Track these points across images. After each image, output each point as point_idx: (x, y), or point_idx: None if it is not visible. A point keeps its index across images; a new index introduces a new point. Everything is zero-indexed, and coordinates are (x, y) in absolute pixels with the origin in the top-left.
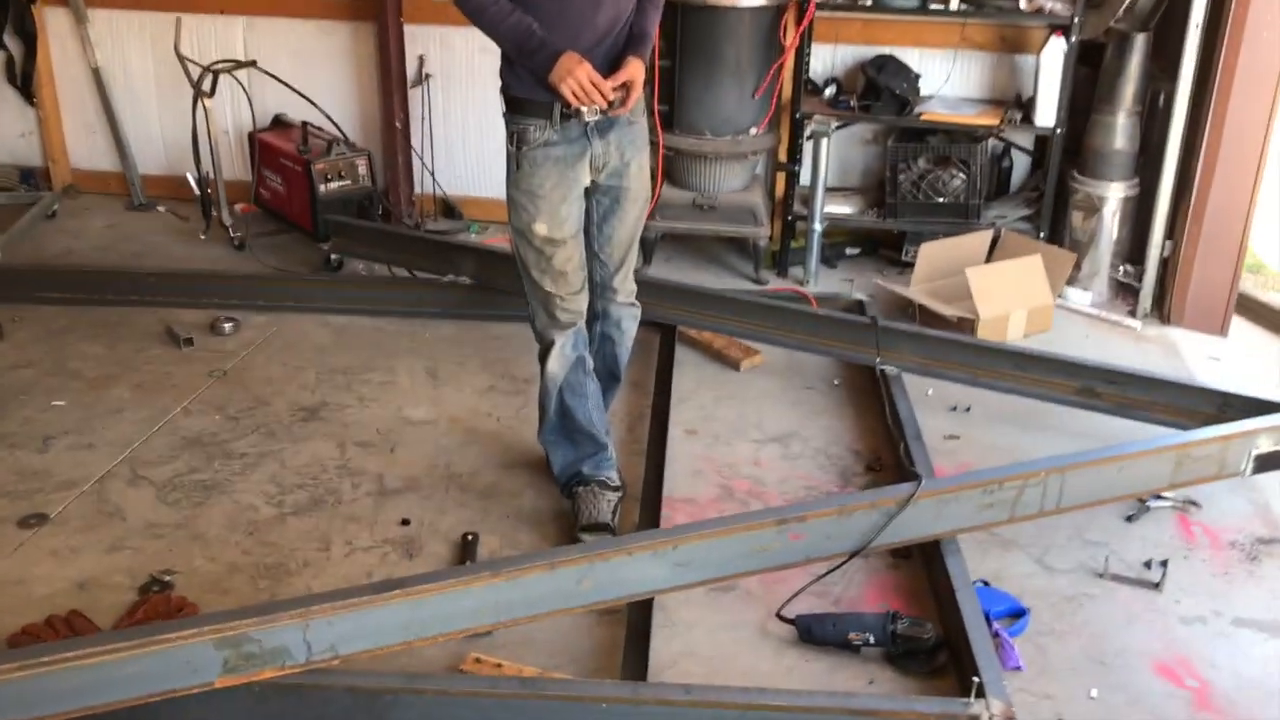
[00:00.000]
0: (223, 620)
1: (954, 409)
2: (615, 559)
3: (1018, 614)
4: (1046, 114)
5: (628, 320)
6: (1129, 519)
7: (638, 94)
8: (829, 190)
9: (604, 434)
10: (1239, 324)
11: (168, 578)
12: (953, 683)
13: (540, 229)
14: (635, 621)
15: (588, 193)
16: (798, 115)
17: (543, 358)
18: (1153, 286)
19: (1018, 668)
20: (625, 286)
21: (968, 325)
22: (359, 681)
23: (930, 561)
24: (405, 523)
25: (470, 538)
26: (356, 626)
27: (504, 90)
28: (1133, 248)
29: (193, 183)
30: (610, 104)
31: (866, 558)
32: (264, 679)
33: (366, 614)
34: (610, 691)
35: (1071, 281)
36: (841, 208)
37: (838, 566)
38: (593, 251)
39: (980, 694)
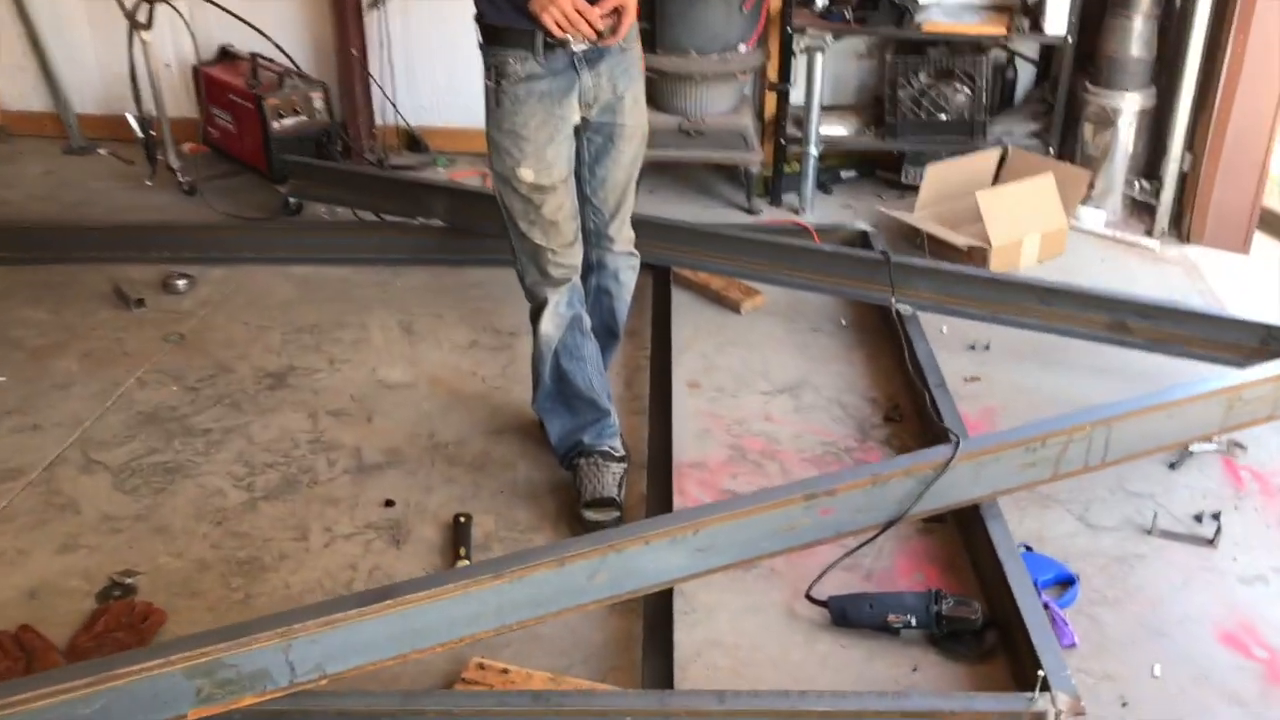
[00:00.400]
0: (193, 646)
1: (972, 347)
2: (631, 549)
3: (1066, 582)
4: (1057, 20)
5: (626, 271)
6: (1172, 466)
7: (631, 20)
8: (823, 110)
9: (605, 399)
10: (1260, 240)
11: (129, 580)
12: (1004, 666)
13: (526, 174)
14: (652, 610)
15: (577, 131)
16: (789, 29)
17: (535, 318)
18: (1171, 203)
19: (1072, 645)
20: (622, 234)
21: (979, 254)
22: (351, 704)
23: (966, 525)
24: (389, 504)
25: (463, 520)
26: (344, 642)
27: (479, 18)
28: (1149, 162)
29: (134, 123)
30: (599, 33)
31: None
32: (244, 707)
33: (355, 628)
34: (635, 703)
35: (1083, 200)
36: (837, 128)
37: (870, 540)
38: (585, 196)
39: (1044, 686)
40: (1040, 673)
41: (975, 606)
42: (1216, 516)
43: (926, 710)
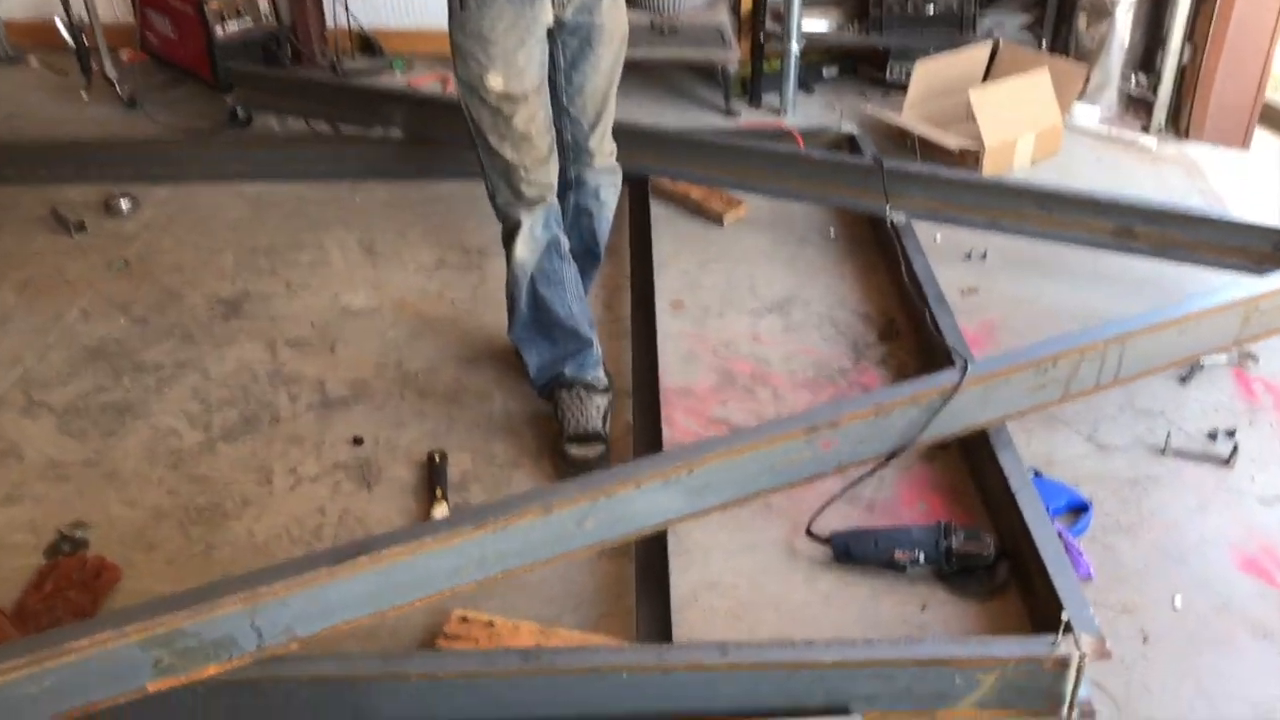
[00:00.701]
0: (149, 615)
1: (968, 256)
2: (621, 492)
3: (1079, 509)
4: None
5: (607, 189)
6: (1183, 380)
7: None
8: (804, 4)
9: (587, 327)
10: (1261, 136)
11: (80, 533)
12: (1017, 601)
13: (494, 82)
14: (645, 552)
15: (550, 34)
16: None
17: (508, 242)
18: (1169, 98)
19: (1088, 576)
20: (603, 148)
21: (970, 156)
22: (326, 669)
23: (972, 450)
24: (357, 441)
25: (437, 458)
26: (315, 603)
27: None
28: (1146, 55)
29: (64, 29)
30: None
31: None
32: (208, 677)
33: (326, 588)
34: (631, 659)
35: (1078, 96)
36: (819, 23)
37: (873, 471)
38: (561, 107)
39: (1066, 629)
40: (1064, 615)
41: (986, 540)
42: (1231, 434)
43: (941, 658)
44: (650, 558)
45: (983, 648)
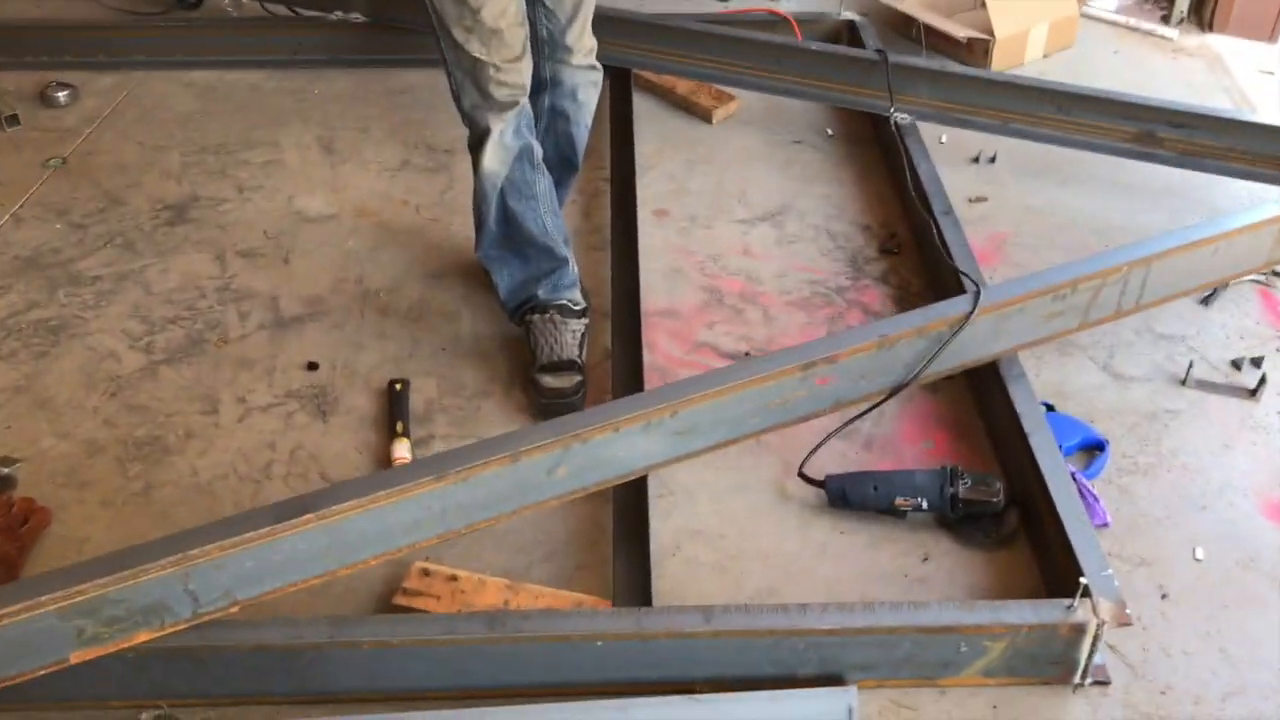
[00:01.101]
0: (68, 583)
1: (975, 160)
2: (597, 438)
3: (1094, 447)
4: None
5: (586, 88)
6: (1204, 302)
7: None
8: None
9: (562, 245)
10: None
11: (7, 470)
12: (1027, 551)
13: None
14: (624, 494)
15: None
16: None
17: (475, 149)
18: None
19: (1104, 524)
20: (582, 43)
21: (979, 46)
22: (269, 637)
23: (980, 382)
24: (312, 366)
25: (398, 386)
26: (257, 564)
27: None
28: None
29: None
30: None
31: None
32: (139, 644)
33: (268, 549)
34: (607, 625)
35: None
36: None
37: (872, 408)
38: None
39: (1084, 592)
40: (1082, 580)
41: (996, 486)
42: (1258, 363)
43: (946, 625)
44: (629, 501)
45: (992, 613)
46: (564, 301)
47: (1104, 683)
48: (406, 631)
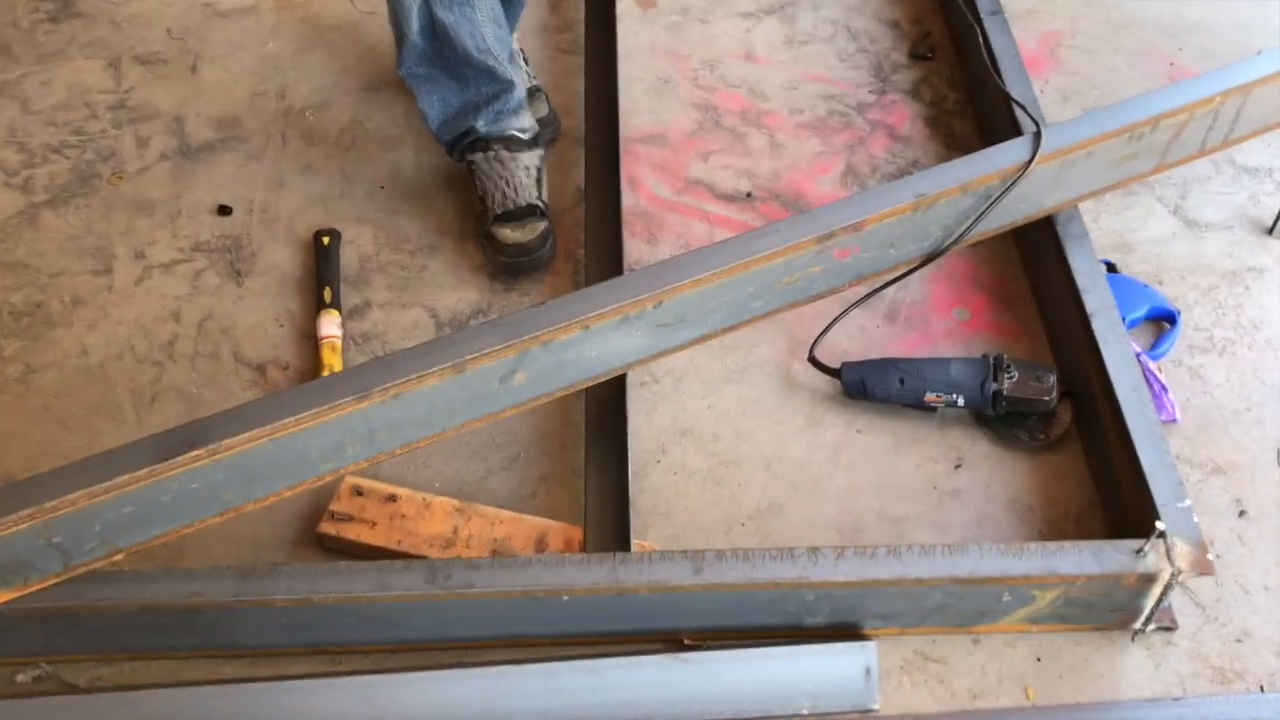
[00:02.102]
0: None
1: None
2: (562, 338)
3: (1163, 319)
4: None
5: None
6: None
7: None
8: None
9: (506, 62)
10: None
11: None
12: (1079, 458)
13: None
14: (598, 384)
15: None
16: None
17: None
18: None
19: (1172, 420)
20: None
21: None
22: (160, 594)
23: (1030, 236)
24: (224, 211)
25: (327, 240)
26: (140, 509)
27: None
28: None
29: None
30: None
31: None
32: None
33: (149, 491)
34: (575, 577)
35: None
36: None
37: (900, 278)
38: None
39: (1159, 534)
40: (1158, 525)
41: (1049, 381)
42: None
43: (989, 575)
44: (605, 392)
45: (1045, 560)
46: (510, 133)
47: (1169, 628)
48: (329, 587)
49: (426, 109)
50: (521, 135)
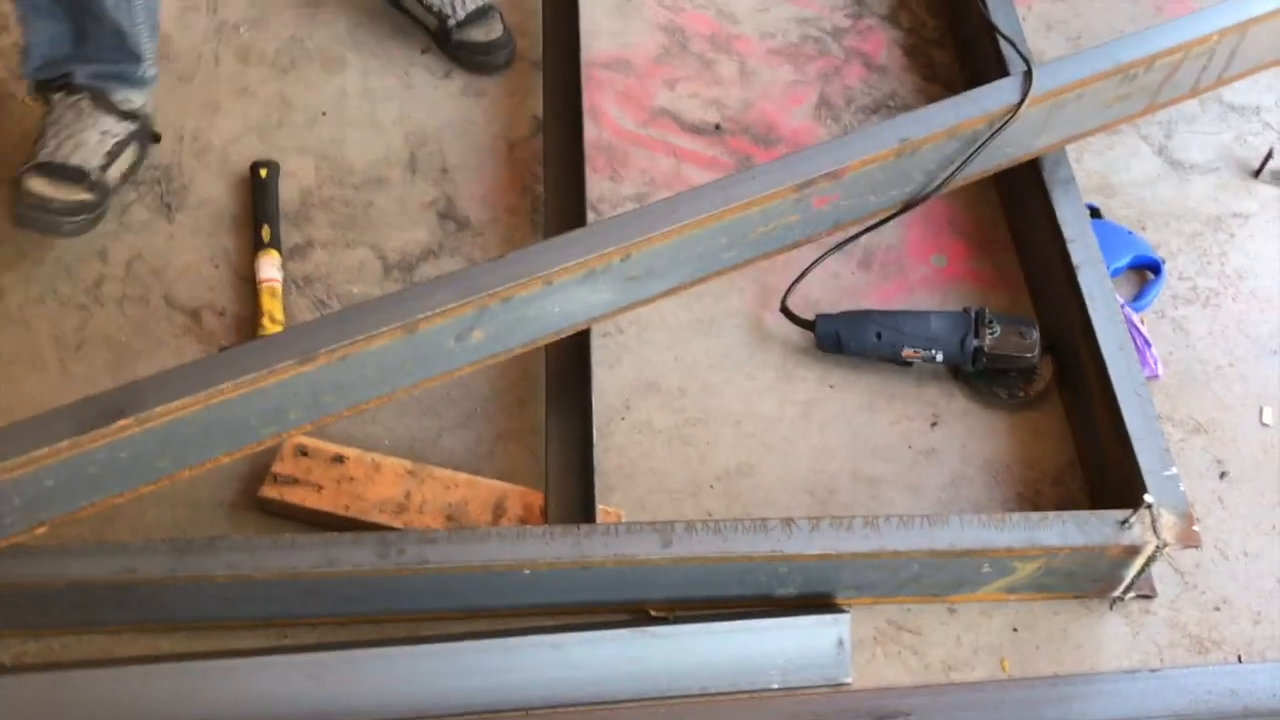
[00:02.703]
0: None
1: None
2: (522, 294)
3: (1147, 267)
4: None
5: None
6: None
7: None
8: None
9: (147, 37)
10: None
11: None
12: (1059, 415)
13: None
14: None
15: None
16: None
17: None
18: None
19: (1154, 376)
20: None
21: None
22: (87, 569)
23: (1013, 181)
24: (154, 138)
25: (264, 172)
26: (62, 482)
27: None
28: None
29: None
30: None
31: None
32: None
33: (76, 462)
34: (537, 551)
35: None
36: None
37: (878, 224)
38: None
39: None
40: (1147, 498)
41: (1032, 337)
42: None
43: (970, 548)
44: (567, 344)
45: (1027, 532)
46: (119, 98)
47: (1148, 596)
48: (272, 562)
49: (29, 39)
50: (122, 105)
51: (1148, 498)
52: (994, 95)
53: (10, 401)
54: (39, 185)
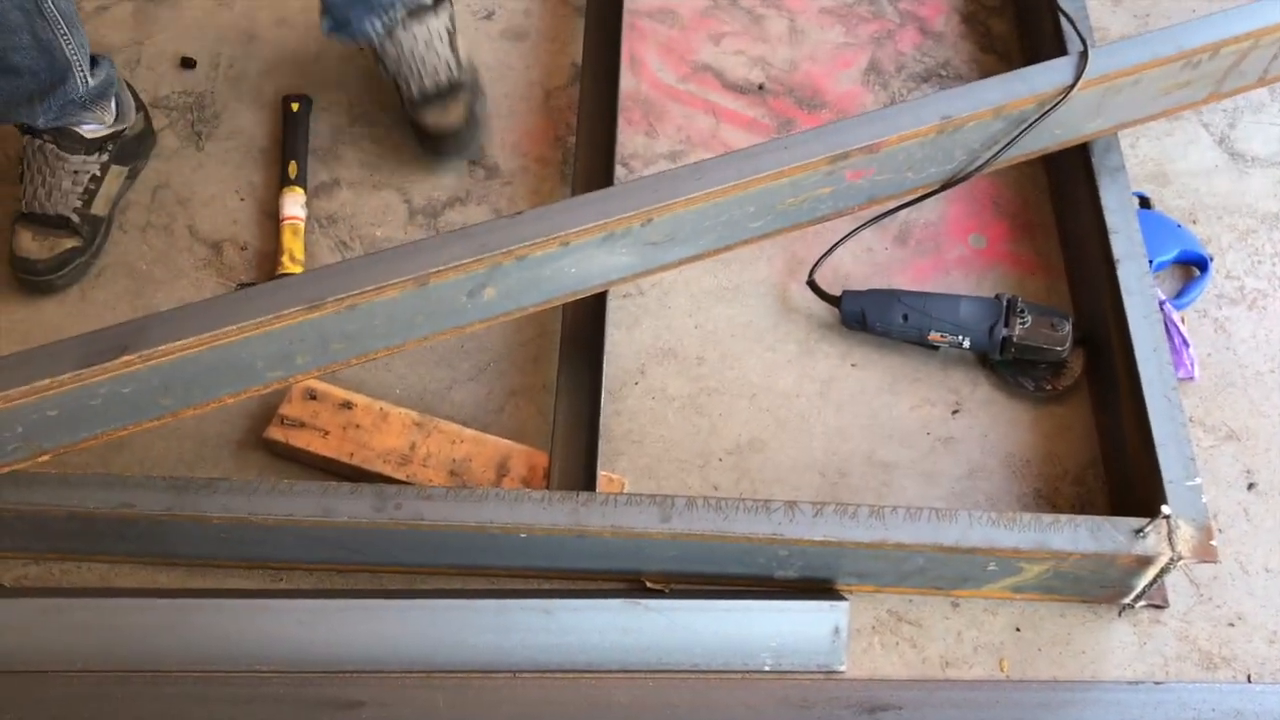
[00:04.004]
0: None
1: None
2: (537, 254)
3: (1195, 263)
4: None
5: None
6: None
7: None
8: None
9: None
10: None
11: None
12: (1086, 411)
13: None
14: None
15: None
16: None
17: None
18: None
19: (1189, 378)
20: None
21: None
22: (86, 501)
23: (1061, 164)
24: (188, 64)
25: (296, 107)
26: (66, 412)
27: None
28: None
29: None
30: None
31: None
32: None
33: (79, 394)
34: (533, 516)
35: None
36: None
37: (914, 202)
38: None
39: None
40: (1164, 510)
41: (1063, 330)
42: None
43: (977, 546)
44: (585, 302)
45: (1038, 534)
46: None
47: (1159, 606)
48: (269, 507)
49: None
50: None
51: (1165, 509)
52: (1045, 75)
53: (29, 327)
54: (25, 243)
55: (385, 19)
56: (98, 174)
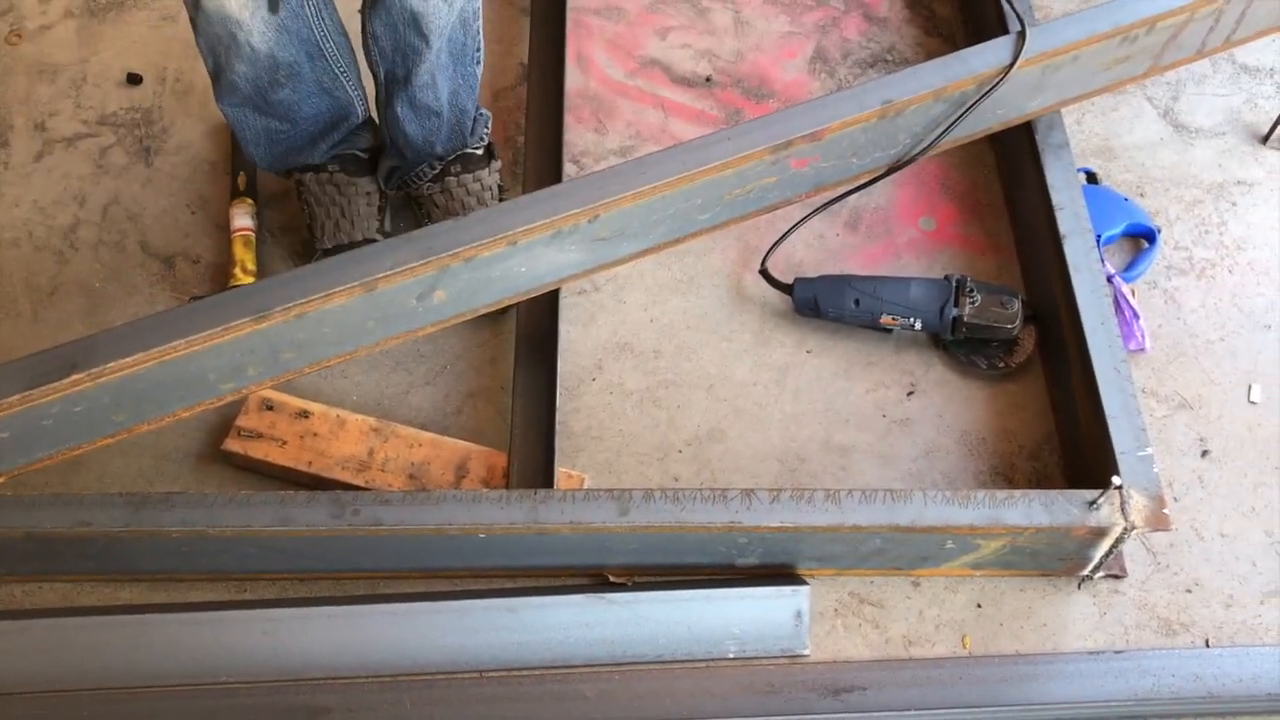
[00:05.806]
0: None
1: None
2: (485, 255)
3: (1141, 236)
4: None
5: None
6: None
7: None
8: None
9: (355, 84)
10: None
11: None
12: (1039, 387)
13: None
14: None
15: None
16: None
17: None
18: None
19: (1140, 349)
20: None
21: None
22: (43, 521)
23: (1007, 143)
24: (134, 79)
25: None
26: (17, 434)
27: None
28: None
29: None
30: None
31: None
32: None
33: (30, 415)
34: (492, 515)
35: None
36: None
37: (861, 187)
38: None
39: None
40: (1115, 480)
41: (1013, 308)
42: None
43: (933, 525)
44: (540, 300)
45: (992, 510)
46: (353, 152)
47: (1118, 576)
48: (227, 519)
49: (242, 137)
50: (361, 156)
51: (1116, 480)
52: (984, 56)
53: None
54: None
55: (319, 176)
56: (384, 190)
